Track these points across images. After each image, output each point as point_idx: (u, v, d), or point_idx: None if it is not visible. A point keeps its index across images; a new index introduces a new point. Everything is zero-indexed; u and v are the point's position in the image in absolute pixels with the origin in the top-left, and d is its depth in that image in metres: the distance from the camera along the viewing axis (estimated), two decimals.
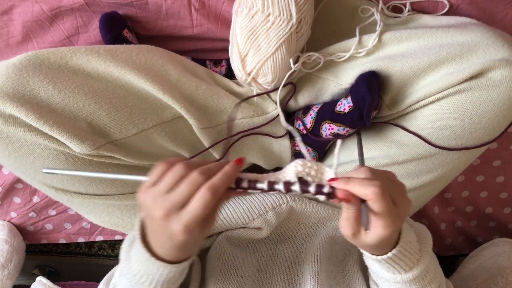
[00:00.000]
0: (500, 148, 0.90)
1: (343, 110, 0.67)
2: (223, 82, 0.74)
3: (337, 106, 0.69)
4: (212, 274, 0.64)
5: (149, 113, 0.65)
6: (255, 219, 0.70)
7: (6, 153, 0.60)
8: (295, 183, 0.47)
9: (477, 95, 0.61)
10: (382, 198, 0.45)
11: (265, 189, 0.47)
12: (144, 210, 0.47)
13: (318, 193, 0.47)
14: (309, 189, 0.47)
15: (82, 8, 0.77)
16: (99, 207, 0.70)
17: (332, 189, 0.47)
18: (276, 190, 0.48)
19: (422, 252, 0.56)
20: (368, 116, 0.64)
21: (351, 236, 0.49)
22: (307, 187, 0.47)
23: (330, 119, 0.69)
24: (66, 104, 0.59)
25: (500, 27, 0.72)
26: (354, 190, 0.46)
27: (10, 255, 0.97)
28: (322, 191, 0.47)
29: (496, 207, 1.00)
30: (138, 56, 0.65)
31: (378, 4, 0.73)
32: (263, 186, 0.47)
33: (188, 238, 0.44)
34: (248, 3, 0.66)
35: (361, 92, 0.64)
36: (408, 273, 0.54)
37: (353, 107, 0.65)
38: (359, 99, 0.64)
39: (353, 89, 0.66)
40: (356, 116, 0.65)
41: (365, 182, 0.46)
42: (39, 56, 0.60)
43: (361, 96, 0.64)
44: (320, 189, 0.47)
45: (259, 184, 0.47)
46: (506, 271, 0.84)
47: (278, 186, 0.47)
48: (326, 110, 0.71)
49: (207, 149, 0.71)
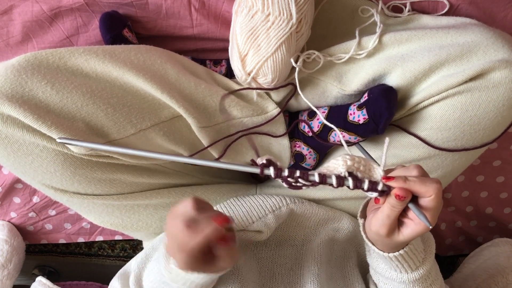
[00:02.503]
0: (500, 148, 0.90)
1: (357, 121, 0.67)
2: (223, 81, 0.73)
3: (350, 116, 0.68)
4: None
5: (148, 113, 0.65)
6: (254, 222, 0.70)
7: (5, 153, 0.60)
8: (348, 178, 0.47)
9: (477, 96, 0.61)
10: (440, 197, 0.47)
11: (317, 181, 0.47)
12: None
13: (371, 189, 0.47)
14: (363, 185, 0.47)
15: (82, 8, 0.77)
16: (99, 207, 0.70)
17: (387, 187, 0.47)
18: (327, 183, 0.47)
19: (427, 252, 0.57)
20: (383, 129, 0.65)
21: (385, 234, 0.51)
22: (360, 183, 0.47)
23: (343, 127, 0.69)
24: (64, 105, 0.59)
25: (500, 27, 0.72)
26: (414, 188, 0.47)
27: (10, 255, 0.98)
28: (375, 188, 0.47)
29: (496, 207, 1.00)
30: (137, 56, 0.65)
31: (378, 4, 0.73)
32: (314, 179, 0.47)
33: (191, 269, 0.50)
34: (248, 3, 0.66)
35: (380, 107, 0.64)
36: (414, 273, 0.56)
37: (368, 120, 0.65)
38: (377, 114, 0.64)
39: (370, 102, 0.66)
40: (370, 129, 0.66)
41: (425, 180, 0.47)
42: (37, 57, 0.60)
43: (379, 111, 0.64)
44: (374, 186, 0.47)
45: (311, 177, 0.47)
46: (506, 271, 0.84)
47: (331, 180, 0.47)
48: (336, 117, 0.71)
49: (206, 148, 0.71)
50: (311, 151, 0.77)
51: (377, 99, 0.65)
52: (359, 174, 0.48)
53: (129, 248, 1.12)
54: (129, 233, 0.78)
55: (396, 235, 0.51)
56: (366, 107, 0.66)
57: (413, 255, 0.55)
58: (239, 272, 0.64)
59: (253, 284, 0.64)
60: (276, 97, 0.73)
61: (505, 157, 0.92)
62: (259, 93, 0.73)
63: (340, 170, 0.48)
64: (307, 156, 0.77)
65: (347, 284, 0.67)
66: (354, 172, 0.48)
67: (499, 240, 0.93)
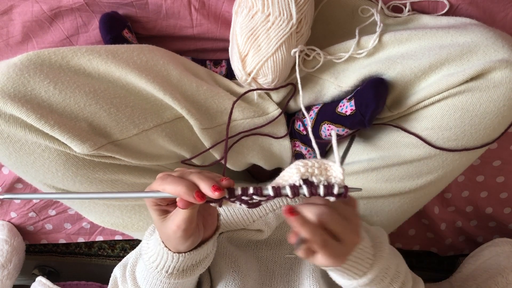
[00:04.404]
0: (500, 148, 0.90)
1: (345, 112, 0.67)
2: (224, 82, 0.74)
3: (339, 107, 0.68)
4: (217, 271, 0.64)
5: (150, 114, 0.65)
6: (255, 221, 0.70)
7: (7, 153, 0.60)
8: (302, 186, 0.45)
9: (478, 96, 0.61)
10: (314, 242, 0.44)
11: (271, 195, 0.45)
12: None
13: (327, 194, 0.45)
14: (318, 191, 0.45)
15: (82, 8, 0.77)
16: (99, 207, 0.70)
17: (344, 189, 0.45)
18: (283, 195, 0.45)
19: (376, 257, 0.55)
20: (370, 121, 0.64)
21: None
22: (315, 189, 0.45)
23: (330, 119, 0.69)
24: (67, 104, 0.59)
25: (500, 27, 0.72)
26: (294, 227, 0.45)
27: (10, 255, 0.97)
28: (332, 193, 0.45)
29: (496, 207, 0.99)
30: (139, 56, 0.65)
31: (378, 4, 0.73)
32: (268, 192, 0.45)
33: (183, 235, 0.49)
34: (248, 3, 0.66)
35: (366, 98, 0.64)
36: (363, 278, 0.53)
37: (355, 111, 0.65)
38: (363, 105, 0.64)
39: (358, 94, 0.66)
40: (356, 120, 0.65)
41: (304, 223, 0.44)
42: (40, 56, 0.60)
43: (365, 101, 0.64)
44: (330, 190, 0.45)
45: (265, 191, 0.45)
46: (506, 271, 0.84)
47: (285, 191, 0.45)
48: (326, 110, 0.71)
49: (208, 150, 0.71)
50: (310, 150, 0.77)
51: (365, 90, 0.65)
52: (314, 179, 0.45)
53: (129, 248, 1.12)
54: (130, 233, 0.78)
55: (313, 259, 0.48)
56: (354, 98, 0.66)
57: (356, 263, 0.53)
58: (239, 270, 0.64)
59: (253, 283, 0.65)
60: (276, 97, 0.74)
61: (505, 157, 0.92)
62: (260, 94, 0.73)
63: (295, 179, 0.45)
64: (307, 156, 0.77)
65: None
66: (309, 178, 0.45)
67: (499, 240, 0.93)
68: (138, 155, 0.66)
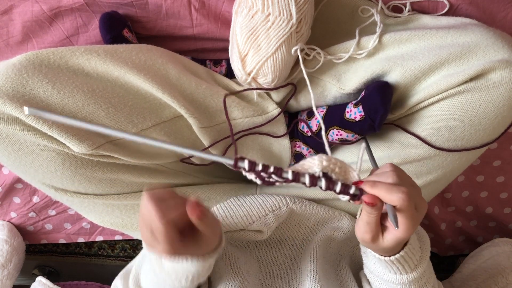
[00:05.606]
0: (500, 148, 0.90)
1: (354, 118, 0.67)
2: (223, 81, 0.73)
3: (346, 114, 0.68)
4: (216, 272, 0.64)
5: (149, 113, 0.65)
6: (254, 222, 0.70)
7: (5, 153, 0.60)
8: (321, 178, 0.46)
9: (477, 96, 0.61)
10: (407, 206, 0.46)
11: (290, 179, 0.45)
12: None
13: (342, 192, 0.46)
14: (335, 187, 0.45)
15: (82, 8, 0.77)
16: (99, 207, 0.70)
17: (359, 191, 0.46)
18: (300, 182, 0.46)
19: (423, 253, 0.57)
20: (380, 126, 0.65)
21: (370, 240, 0.50)
22: (333, 185, 0.45)
23: (340, 125, 0.69)
24: (65, 104, 0.59)
25: (500, 27, 0.72)
26: (380, 196, 0.46)
27: (10, 255, 0.97)
28: (347, 192, 0.46)
29: (496, 207, 1.00)
30: (138, 56, 0.65)
31: (378, 4, 0.73)
32: (288, 176, 0.45)
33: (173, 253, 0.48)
34: (248, 3, 0.66)
35: (374, 103, 0.64)
36: (410, 274, 0.55)
37: (364, 117, 0.65)
38: (372, 110, 0.64)
39: (366, 99, 0.66)
40: (366, 125, 0.65)
41: (392, 188, 0.46)
42: (38, 56, 0.60)
43: (373, 107, 0.64)
44: (346, 189, 0.45)
45: (285, 174, 0.45)
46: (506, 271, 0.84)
47: (304, 179, 0.45)
48: (333, 115, 0.71)
49: (207, 148, 0.71)
50: (311, 151, 0.77)
51: (372, 95, 0.65)
52: (333, 175, 0.46)
53: (129, 248, 1.12)
54: (129, 233, 0.78)
55: (381, 241, 0.50)
56: (362, 104, 0.66)
57: (409, 258, 0.54)
58: (239, 271, 0.64)
59: (253, 283, 0.65)
60: (276, 97, 0.74)
61: (505, 157, 0.92)
62: (260, 93, 0.73)
63: (315, 170, 0.46)
64: (307, 157, 0.77)
65: (340, 281, 0.67)
66: (329, 173, 0.46)
67: (499, 240, 0.93)
68: (137, 154, 0.66)
